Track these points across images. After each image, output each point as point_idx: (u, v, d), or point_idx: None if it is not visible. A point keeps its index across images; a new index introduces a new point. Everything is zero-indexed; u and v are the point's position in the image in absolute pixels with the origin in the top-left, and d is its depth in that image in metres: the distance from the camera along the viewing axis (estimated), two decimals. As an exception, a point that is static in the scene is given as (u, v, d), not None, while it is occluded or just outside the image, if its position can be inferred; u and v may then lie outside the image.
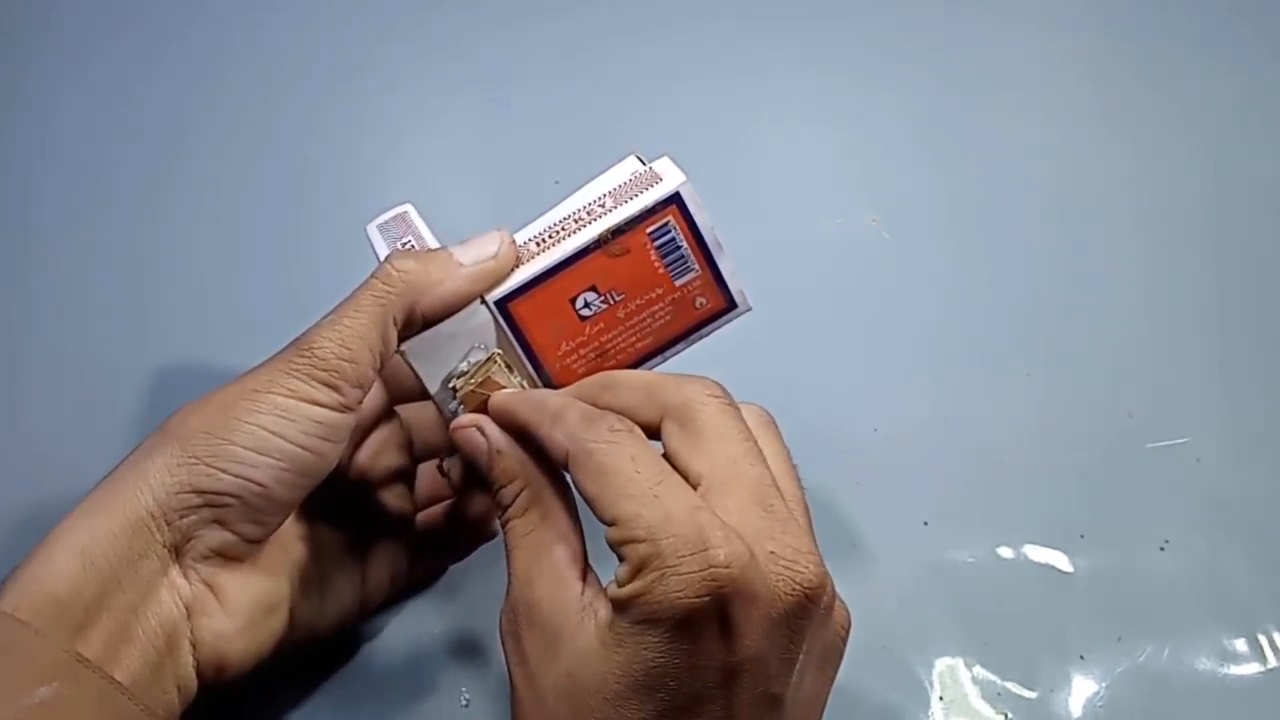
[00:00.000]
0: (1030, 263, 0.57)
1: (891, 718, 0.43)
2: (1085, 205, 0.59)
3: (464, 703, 0.42)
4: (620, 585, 0.31)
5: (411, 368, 0.39)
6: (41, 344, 0.52)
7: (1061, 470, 0.49)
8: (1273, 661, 0.45)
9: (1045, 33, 0.67)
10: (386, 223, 0.42)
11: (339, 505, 0.41)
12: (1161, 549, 0.47)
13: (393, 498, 0.43)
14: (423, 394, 0.41)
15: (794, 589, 0.31)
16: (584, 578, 0.34)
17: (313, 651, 0.43)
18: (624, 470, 0.32)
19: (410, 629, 0.44)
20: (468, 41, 0.66)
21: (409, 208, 0.42)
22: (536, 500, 0.35)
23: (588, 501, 0.32)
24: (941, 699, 0.43)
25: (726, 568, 0.30)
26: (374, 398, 0.42)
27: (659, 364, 0.41)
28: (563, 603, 0.33)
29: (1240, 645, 0.45)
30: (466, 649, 0.43)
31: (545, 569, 0.34)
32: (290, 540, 0.39)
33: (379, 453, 0.42)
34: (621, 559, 0.31)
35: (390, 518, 0.42)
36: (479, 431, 0.37)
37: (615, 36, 0.67)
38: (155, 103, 0.63)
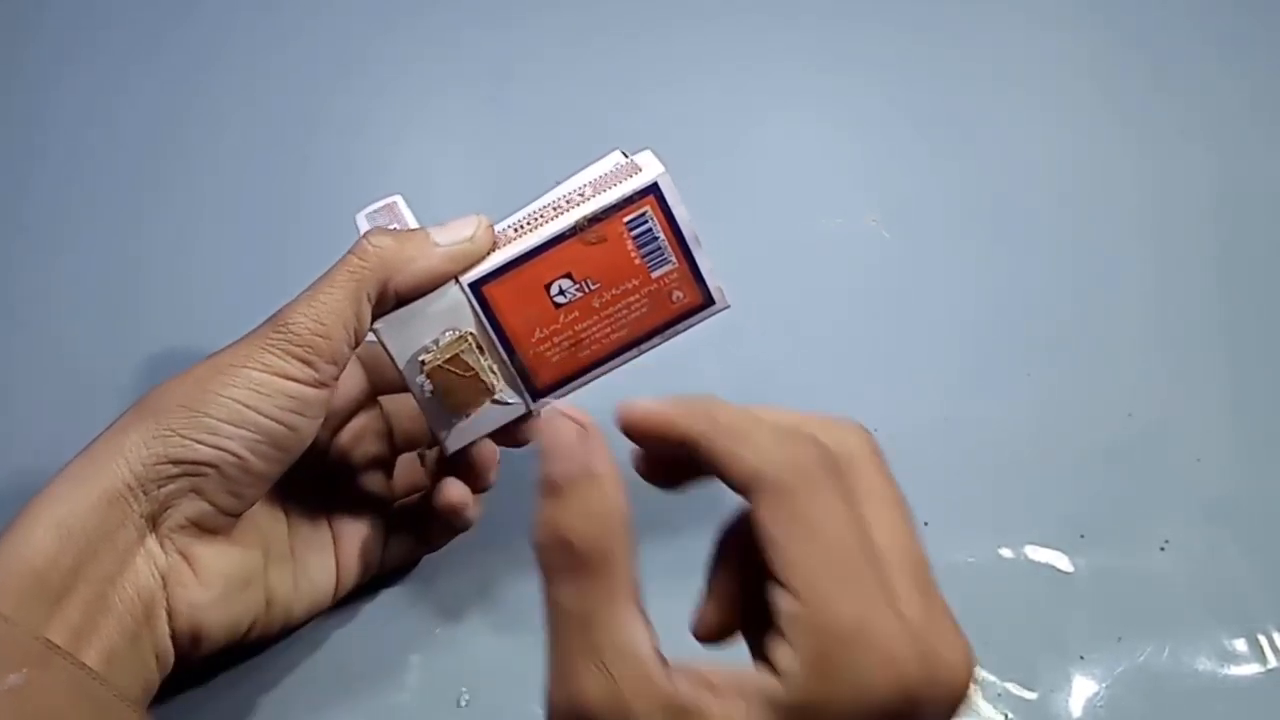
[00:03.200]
0: (1030, 262, 0.56)
1: (891, 718, 0.43)
2: (1086, 205, 0.59)
3: (464, 703, 0.42)
4: (785, 676, 0.25)
5: (382, 344, 0.39)
6: (32, 337, 0.52)
7: (1061, 470, 0.49)
8: (1273, 661, 0.45)
9: (1048, 31, 0.67)
10: (374, 211, 0.42)
11: (316, 488, 0.41)
12: (1161, 549, 0.47)
13: (369, 484, 0.43)
14: (403, 383, 0.42)
15: (957, 692, 0.27)
16: (666, 665, 0.26)
17: (313, 650, 0.43)
18: (841, 536, 0.26)
19: (410, 629, 0.44)
20: (466, 39, 0.66)
21: (398, 198, 0.42)
22: (611, 560, 0.27)
23: (766, 546, 0.26)
24: (941, 699, 0.43)
25: (949, 680, 0.26)
26: (356, 384, 0.43)
27: (634, 357, 0.42)
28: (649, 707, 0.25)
29: (1240, 645, 0.45)
30: (466, 649, 0.43)
31: (627, 665, 0.25)
32: (266, 520, 0.40)
33: (359, 438, 0.43)
34: (784, 634, 0.25)
35: (365, 504, 0.43)
36: (580, 438, 0.28)
37: (614, 35, 0.67)
38: (150, 98, 0.63)
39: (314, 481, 0.41)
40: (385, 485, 0.44)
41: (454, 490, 0.41)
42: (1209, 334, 0.54)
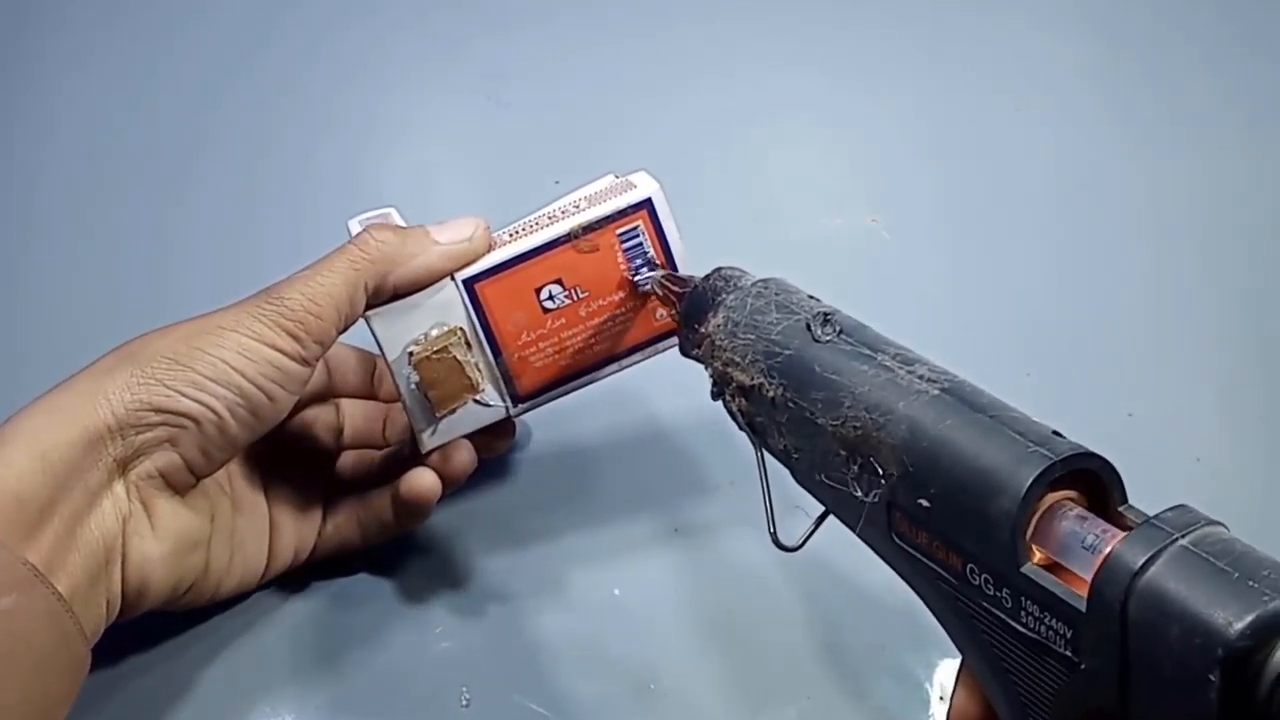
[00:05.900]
0: (1030, 263, 0.57)
1: (891, 718, 0.43)
2: (1085, 206, 0.59)
3: (464, 703, 0.42)
4: None
5: (374, 334, 0.40)
6: (39, 340, 0.53)
7: (1061, 470, 0.49)
8: (1273, 661, 0.45)
9: (1047, 37, 0.67)
10: (368, 219, 0.43)
11: (262, 470, 0.42)
12: (1161, 549, 0.47)
13: (312, 474, 0.44)
14: (364, 389, 0.44)
15: None
16: None
17: (312, 649, 0.43)
18: None
19: (410, 628, 0.44)
20: (468, 42, 0.66)
21: (392, 210, 0.43)
22: None
23: None
24: (941, 699, 0.43)
25: None
26: (317, 379, 0.44)
27: (613, 372, 0.43)
28: None
29: (1240, 645, 0.45)
30: (467, 648, 0.43)
31: None
32: (215, 491, 0.40)
33: (309, 427, 0.44)
34: None
35: (305, 492, 0.43)
36: None
37: (615, 37, 0.67)
38: (154, 102, 0.63)
39: (261, 463, 0.42)
40: (327, 477, 0.45)
41: (425, 479, 0.41)
42: (1209, 334, 0.54)
